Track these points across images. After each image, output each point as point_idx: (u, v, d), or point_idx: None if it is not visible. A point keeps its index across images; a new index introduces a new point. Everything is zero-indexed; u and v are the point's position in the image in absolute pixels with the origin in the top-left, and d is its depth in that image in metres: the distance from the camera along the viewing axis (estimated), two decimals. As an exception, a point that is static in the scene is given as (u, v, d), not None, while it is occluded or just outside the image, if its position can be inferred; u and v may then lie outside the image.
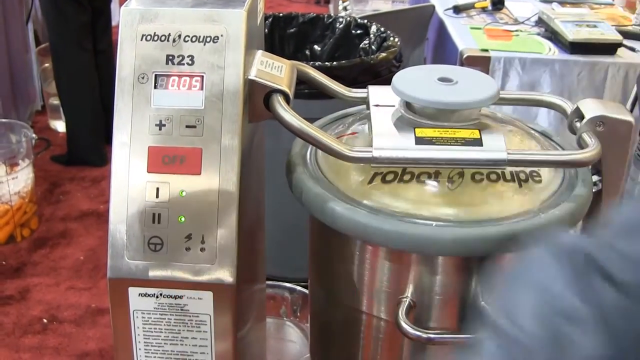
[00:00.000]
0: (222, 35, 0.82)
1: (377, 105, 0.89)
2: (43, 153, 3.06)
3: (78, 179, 2.91)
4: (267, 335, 1.62)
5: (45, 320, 2.15)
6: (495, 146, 0.80)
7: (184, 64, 0.82)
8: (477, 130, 0.82)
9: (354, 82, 1.61)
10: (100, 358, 2.03)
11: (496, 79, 1.89)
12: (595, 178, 0.90)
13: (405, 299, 0.82)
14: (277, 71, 0.87)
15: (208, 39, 0.82)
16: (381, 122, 0.85)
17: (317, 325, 1.00)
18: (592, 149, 0.81)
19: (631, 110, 1.49)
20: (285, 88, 0.84)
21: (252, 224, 0.95)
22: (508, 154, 0.79)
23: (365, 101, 0.94)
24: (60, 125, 3.22)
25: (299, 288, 1.57)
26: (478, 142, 0.81)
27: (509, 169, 0.82)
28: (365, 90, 0.95)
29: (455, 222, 0.78)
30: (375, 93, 0.93)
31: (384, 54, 1.69)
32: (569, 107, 0.92)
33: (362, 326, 0.88)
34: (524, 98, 0.98)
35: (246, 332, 0.93)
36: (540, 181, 0.84)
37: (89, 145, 2.95)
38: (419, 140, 0.81)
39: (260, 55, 0.88)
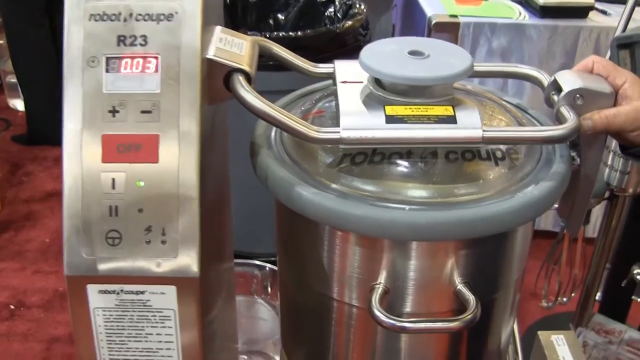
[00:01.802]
0: (176, 13, 0.76)
1: (344, 82, 0.84)
2: (3, 133, 2.97)
3: (40, 159, 2.84)
4: (237, 313, 1.59)
5: (12, 307, 2.10)
6: (470, 123, 0.76)
7: (136, 45, 0.76)
8: (451, 107, 0.78)
9: (320, 51, 1.56)
10: (71, 343, 1.98)
11: (465, 46, 1.85)
12: (572, 152, 0.86)
13: (378, 286, 0.78)
14: (237, 49, 0.81)
15: (162, 17, 0.76)
16: (349, 100, 0.80)
17: (287, 310, 0.96)
18: (570, 124, 0.77)
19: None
20: (246, 67, 0.79)
21: (216, 206, 0.90)
22: (483, 131, 0.75)
23: (332, 77, 0.89)
24: (19, 104, 3.13)
25: (269, 266, 1.54)
26: (452, 120, 0.76)
27: (484, 146, 0.78)
28: (332, 65, 0.90)
29: (429, 205, 0.74)
30: (342, 68, 0.88)
31: (350, 22, 1.64)
32: (545, 79, 0.87)
33: (333, 313, 0.84)
34: (498, 70, 0.93)
35: (215, 314, 0.90)
36: (517, 158, 0.80)
37: (50, 123, 2.86)
38: (390, 119, 0.76)
39: (219, 31, 0.83)
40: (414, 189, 0.75)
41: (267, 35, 1.50)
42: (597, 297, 1.76)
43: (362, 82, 0.83)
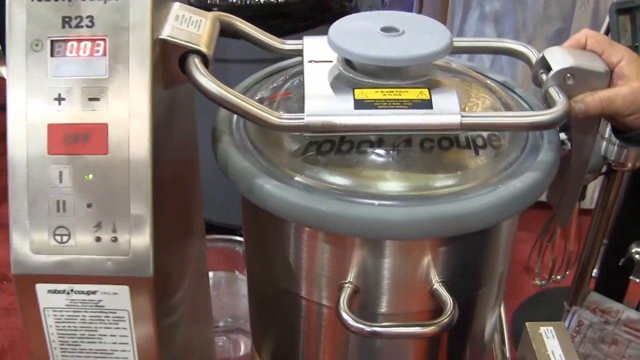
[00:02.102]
0: (124, -10, 0.69)
1: (311, 62, 0.77)
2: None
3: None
4: (218, 290, 1.55)
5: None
6: (447, 108, 0.69)
7: (82, 27, 0.70)
8: (427, 90, 0.71)
9: (302, 19, 1.49)
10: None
11: (457, 10, 1.76)
12: (563, 136, 0.80)
13: (347, 285, 0.72)
14: (194, 27, 0.75)
15: (109, -4, 0.70)
16: (315, 82, 0.74)
17: (256, 304, 0.90)
18: (559, 108, 0.70)
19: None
20: (202, 48, 0.72)
21: (179, 192, 0.85)
22: (462, 117, 0.68)
23: (301, 54, 0.82)
24: None
25: (250, 241, 1.48)
26: (427, 104, 0.70)
27: (463, 133, 0.72)
28: (300, 41, 0.83)
29: (401, 199, 0.68)
30: (312, 45, 0.81)
31: (334, -14, 1.56)
32: (533, 56, 0.81)
33: (302, 311, 0.79)
34: (481, 46, 0.86)
35: (181, 297, 0.86)
36: (500, 146, 0.74)
37: None
38: (359, 104, 0.70)
39: (177, 8, 0.76)
40: (384, 182, 0.69)
41: (248, 2, 1.43)
42: (593, 274, 1.70)
43: (331, 61, 0.77)
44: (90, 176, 0.70)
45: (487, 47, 0.86)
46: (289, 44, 0.84)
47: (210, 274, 1.56)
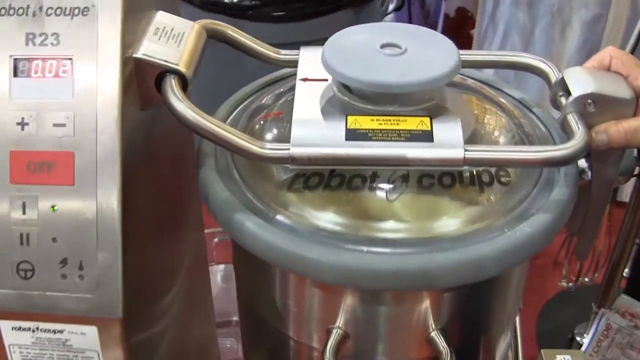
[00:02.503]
0: (93, 6, 0.63)
1: (305, 79, 0.70)
2: None
3: None
4: (230, 283, 1.49)
5: None
6: (450, 140, 0.62)
7: (47, 45, 0.63)
8: (428, 119, 0.64)
9: (324, 2, 1.40)
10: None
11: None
12: (583, 163, 0.72)
13: (336, 330, 0.66)
14: (175, 42, 0.68)
15: (76, 11, 0.63)
16: (305, 106, 0.66)
17: (247, 337, 0.84)
18: (577, 142, 0.62)
19: (635, 45, 1.27)
20: (181, 68, 0.65)
21: (170, 190, 0.80)
22: (465, 151, 0.61)
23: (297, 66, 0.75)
24: None
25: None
26: (427, 136, 0.62)
27: (468, 168, 0.64)
28: (297, 52, 0.76)
29: (393, 245, 0.61)
30: (308, 58, 0.74)
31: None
32: (553, 75, 0.72)
33: (291, 352, 0.73)
34: (497, 60, 0.78)
35: (176, 290, 0.83)
36: (508, 182, 0.66)
37: None
38: (351, 134, 0.62)
39: (159, 19, 0.69)
40: (376, 223, 0.62)
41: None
42: (624, 274, 1.61)
43: (326, 80, 0.69)
44: (56, 208, 0.64)
45: (503, 62, 0.77)
46: (285, 54, 0.77)
47: (221, 266, 1.51)
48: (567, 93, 0.68)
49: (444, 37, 0.69)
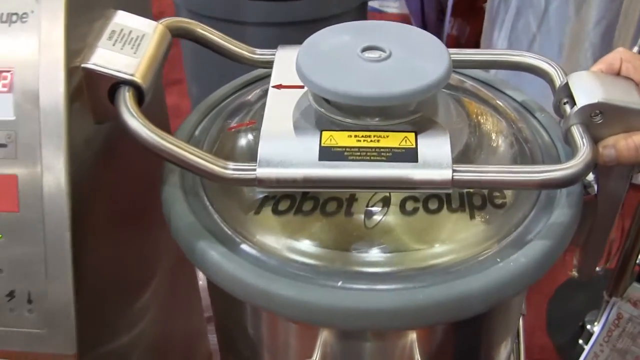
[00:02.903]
0: (32, 12, 0.56)
1: (278, 87, 0.63)
2: None
3: None
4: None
5: None
6: (437, 159, 0.55)
7: (-16, 55, 0.57)
8: (413, 135, 0.57)
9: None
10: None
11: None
12: (589, 175, 0.65)
13: (313, 366, 0.60)
14: (131, 47, 0.61)
15: (14, 17, 0.56)
16: (277, 117, 0.60)
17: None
18: (580, 161, 0.55)
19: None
20: (136, 79, 0.58)
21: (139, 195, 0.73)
22: (454, 172, 0.54)
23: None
24: None
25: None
26: (411, 155, 0.55)
27: (456, 191, 0.57)
28: (274, 51, 0.68)
29: (372, 279, 0.54)
30: (284, 60, 0.66)
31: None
32: (557, 78, 0.65)
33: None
34: (496, 60, 0.70)
35: (153, 290, 0.80)
36: (503, 205, 0.59)
37: None
38: (325, 153, 0.55)
39: (117, 19, 0.62)
40: (352, 254, 0.55)
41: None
42: (637, 261, 1.54)
43: (303, 86, 0.62)
44: (2, 237, 0.58)
45: (501, 62, 0.70)
46: (260, 54, 0.70)
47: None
48: (572, 101, 0.60)
49: (433, 38, 0.62)
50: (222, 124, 0.68)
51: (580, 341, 1.57)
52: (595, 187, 0.65)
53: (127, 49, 0.60)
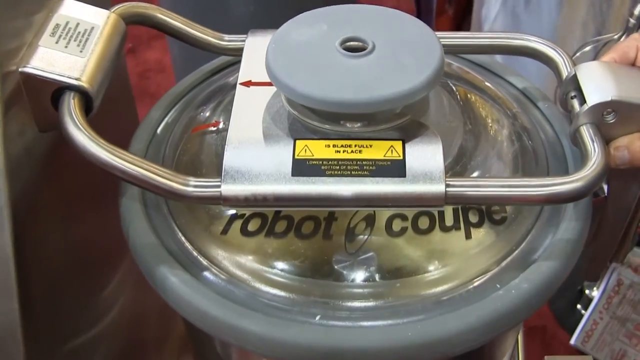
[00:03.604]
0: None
1: (247, 84, 0.55)
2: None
3: None
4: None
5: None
6: (427, 172, 0.48)
7: None
8: (400, 143, 0.49)
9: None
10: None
11: None
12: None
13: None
14: (77, 44, 0.53)
15: None
16: (245, 123, 0.52)
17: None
18: (590, 171, 0.48)
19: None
20: (83, 83, 0.51)
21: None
22: (447, 187, 0.47)
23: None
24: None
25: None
26: (398, 168, 0.48)
27: (450, 207, 0.50)
28: (244, 37, 0.61)
29: (353, 314, 0.48)
30: (255, 50, 0.58)
31: None
32: (564, 67, 0.57)
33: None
34: (495, 44, 0.62)
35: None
36: (503, 220, 0.52)
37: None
38: (299, 167, 0.48)
39: (62, 11, 0.54)
40: (331, 284, 0.49)
41: None
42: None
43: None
44: None
45: (501, 46, 0.62)
46: (229, 40, 0.62)
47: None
48: (581, 95, 0.53)
49: (423, 26, 0.54)
50: (187, 120, 0.60)
51: (579, 306, 1.52)
52: (606, 188, 0.58)
53: (73, 46, 0.52)
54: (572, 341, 1.40)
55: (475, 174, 0.53)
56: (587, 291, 1.53)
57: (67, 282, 0.64)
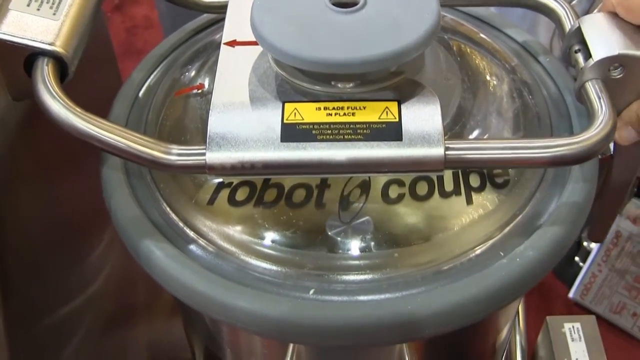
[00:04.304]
0: None
1: (232, 43, 0.52)
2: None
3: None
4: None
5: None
6: (425, 135, 0.45)
7: None
8: (395, 104, 0.46)
9: None
10: None
11: None
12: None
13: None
14: (50, 7, 0.49)
15: None
16: (230, 85, 0.49)
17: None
18: (598, 129, 0.45)
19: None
20: (57, 48, 0.47)
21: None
22: (447, 149, 0.44)
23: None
24: None
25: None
26: (394, 131, 0.45)
27: (449, 172, 0.47)
28: (230, -7, 0.57)
29: (350, 286, 0.45)
30: (240, 6, 0.55)
31: None
32: (566, 20, 0.54)
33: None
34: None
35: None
36: (505, 183, 0.49)
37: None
38: (288, 132, 0.45)
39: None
40: (326, 255, 0.46)
41: None
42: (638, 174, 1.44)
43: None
44: None
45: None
46: (212, -3, 0.58)
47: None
48: (586, 49, 0.50)
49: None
50: (170, 83, 0.57)
51: (577, 259, 1.50)
52: (612, 146, 0.55)
53: (46, 9, 0.49)
54: (571, 294, 1.39)
55: (474, 135, 0.50)
56: (585, 243, 1.51)
57: (49, 249, 0.61)
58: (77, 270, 0.68)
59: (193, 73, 0.57)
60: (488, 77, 0.55)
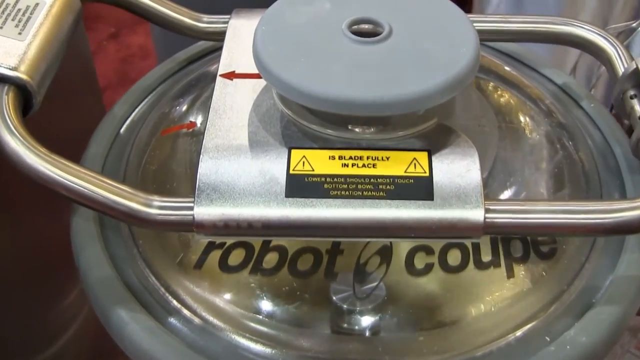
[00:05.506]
0: None
1: (230, 75, 0.44)
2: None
3: None
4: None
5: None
6: (461, 194, 0.37)
7: None
8: (425, 154, 0.38)
9: None
10: None
11: None
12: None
13: None
14: (16, 25, 0.42)
15: None
16: (226, 125, 0.41)
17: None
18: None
19: None
20: (20, 74, 0.40)
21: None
22: (487, 212, 0.36)
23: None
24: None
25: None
26: (424, 188, 0.37)
27: (487, 238, 0.39)
28: (227, 18, 0.49)
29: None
30: (239, 34, 0.47)
31: None
32: (618, 60, 0.47)
33: None
34: (529, 30, 0.51)
35: None
36: (552, 253, 0.41)
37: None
38: (295, 185, 0.37)
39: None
40: (336, 340, 0.38)
41: None
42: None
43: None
44: None
45: (540, 32, 0.51)
46: (209, 22, 0.51)
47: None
48: (643, 93, 0.42)
49: (450, 5, 0.43)
50: (156, 120, 0.49)
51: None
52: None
53: (10, 26, 0.41)
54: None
55: (512, 193, 0.43)
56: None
57: (18, 293, 0.54)
58: (51, 316, 0.60)
59: (183, 109, 0.49)
60: (527, 125, 0.47)
